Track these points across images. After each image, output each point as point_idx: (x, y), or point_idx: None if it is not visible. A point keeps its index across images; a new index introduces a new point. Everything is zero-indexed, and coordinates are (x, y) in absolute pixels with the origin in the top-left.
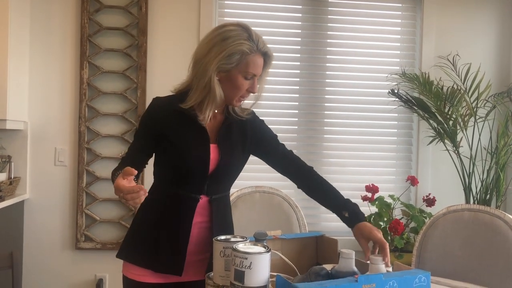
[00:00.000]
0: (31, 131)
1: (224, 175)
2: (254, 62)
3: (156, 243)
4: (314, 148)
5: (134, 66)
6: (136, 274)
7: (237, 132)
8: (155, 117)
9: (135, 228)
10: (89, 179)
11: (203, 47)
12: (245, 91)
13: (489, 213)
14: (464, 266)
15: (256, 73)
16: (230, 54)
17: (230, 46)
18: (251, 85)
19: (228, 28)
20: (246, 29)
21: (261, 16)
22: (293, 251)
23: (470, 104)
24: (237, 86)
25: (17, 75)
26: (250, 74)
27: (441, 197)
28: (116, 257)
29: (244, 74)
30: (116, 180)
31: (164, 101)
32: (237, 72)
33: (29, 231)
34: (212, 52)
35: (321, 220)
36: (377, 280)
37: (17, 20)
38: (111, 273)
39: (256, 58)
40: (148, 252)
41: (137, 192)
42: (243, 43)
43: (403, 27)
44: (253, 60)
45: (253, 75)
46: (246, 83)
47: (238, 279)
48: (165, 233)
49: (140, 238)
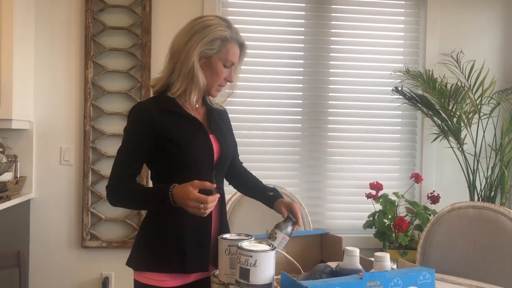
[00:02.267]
0: (37, 130)
1: (226, 163)
2: (234, 50)
3: (182, 244)
4: (318, 146)
5: (138, 65)
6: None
7: (221, 121)
8: (147, 121)
9: (150, 234)
10: (94, 178)
11: (182, 37)
12: (223, 79)
13: (494, 210)
14: (469, 263)
15: (235, 62)
16: (213, 39)
17: (213, 32)
18: (229, 74)
19: (207, 18)
20: (225, 19)
21: (265, 14)
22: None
23: (474, 101)
24: (217, 73)
25: (22, 75)
26: (229, 62)
27: (445, 194)
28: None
29: (224, 62)
30: (192, 192)
31: (147, 105)
32: (218, 59)
33: (35, 230)
34: (193, 39)
35: (326, 217)
36: (382, 278)
37: (22, 21)
38: (117, 271)
39: (235, 46)
40: (175, 255)
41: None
42: (225, 30)
43: (406, 24)
44: (233, 48)
45: (231, 63)
46: (225, 71)
47: (244, 277)
48: (189, 232)
49: (162, 244)
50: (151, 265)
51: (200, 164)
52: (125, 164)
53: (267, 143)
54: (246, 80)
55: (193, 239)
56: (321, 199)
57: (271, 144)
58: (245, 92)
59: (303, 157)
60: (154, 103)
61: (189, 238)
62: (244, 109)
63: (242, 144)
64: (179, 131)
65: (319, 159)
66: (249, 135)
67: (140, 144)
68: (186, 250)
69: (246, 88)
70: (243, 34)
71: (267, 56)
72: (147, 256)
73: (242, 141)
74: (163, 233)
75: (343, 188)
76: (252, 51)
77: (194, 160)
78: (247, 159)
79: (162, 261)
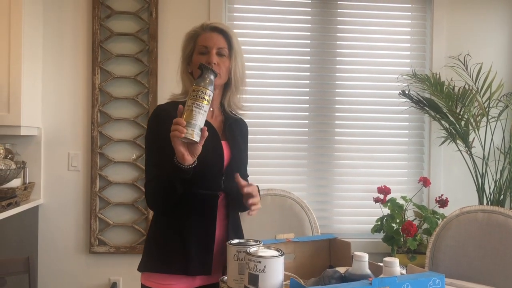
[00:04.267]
0: (45, 137)
1: (237, 171)
2: (204, 37)
3: (185, 246)
4: (325, 150)
5: (145, 71)
6: (164, 284)
7: (237, 130)
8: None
9: (157, 236)
10: (102, 183)
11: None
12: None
13: (503, 214)
14: (478, 267)
15: (207, 45)
16: (186, 43)
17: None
18: (207, 59)
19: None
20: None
21: (270, 19)
22: (306, 254)
23: (482, 104)
24: (194, 63)
25: (30, 82)
26: (202, 48)
27: (453, 198)
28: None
29: (198, 50)
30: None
31: (165, 106)
32: (195, 54)
33: (44, 235)
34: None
35: (334, 222)
36: (391, 283)
37: (30, 27)
38: (125, 276)
39: (205, 34)
40: (179, 257)
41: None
42: (194, 29)
43: (413, 27)
44: (203, 36)
45: (204, 48)
46: (201, 58)
47: (252, 283)
48: (192, 234)
49: (167, 245)
50: (154, 265)
51: (209, 168)
52: (155, 167)
53: (274, 147)
54: (252, 85)
55: (197, 242)
56: (329, 203)
57: (278, 148)
58: (252, 97)
59: (310, 162)
60: (172, 105)
61: (193, 240)
62: (250, 114)
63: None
64: None
65: (326, 163)
66: (256, 140)
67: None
68: (190, 252)
69: (253, 93)
70: (249, 39)
71: (273, 61)
72: (152, 257)
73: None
74: (168, 235)
75: (351, 192)
76: (258, 55)
77: (202, 163)
78: (254, 164)
79: (165, 262)
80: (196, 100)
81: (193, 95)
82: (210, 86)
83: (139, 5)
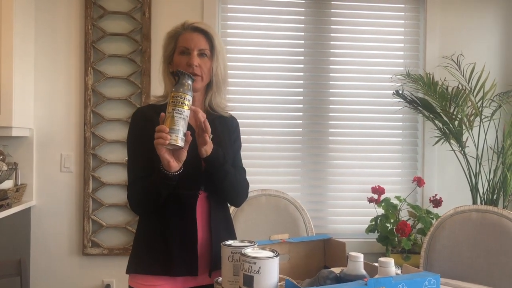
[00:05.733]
0: (37, 138)
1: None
2: (185, 38)
3: (167, 246)
4: (319, 150)
5: (138, 72)
6: (149, 285)
7: (220, 127)
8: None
9: (141, 238)
10: (95, 185)
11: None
12: (185, 66)
13: (497, 213)
14: (473, 267)
15: (188, 46)
16: (166, 43)
17: (166, 37)
18: (189, 60)
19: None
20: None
21: (264, 19)
22: (301, 254)
23: (476, 103)
24: (175, 63)
25: (22, 82)
26: (181, 48)
27: (447, 198)
28: (126, 274)
29: (179, 51)
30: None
31: (144, 108)
32: (176, 54)
33: (36, 237)
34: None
35: (328, 222)
36: (387, 283)
37: (22, 28)
38: (119, 278)
39: (186, 34)
40: (162, 257)
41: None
42: (174, 29)
43: (406, 27)
44: (183, 36)
45: (185, 49)
46: (182, 58)
47: (247, 284)
48: (174, 234)
49: (150, 246)
50: (139, 267)
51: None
52: (137, 169)
53: (268, 148)
54: (245, 85)
55: (180, 242)
56: (323, 204)
57: (272, 149)
58: (245, 97)
59: (305, 162)
60: (152, 107)
61: (176, 241)
62: (244, 114)
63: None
64: None
65: (320, 163)
66: (250, 140)
67: (144, 143)
68: (173, 253)
69: (246, 93)
70: (242, 39)
71: (267, 61)
72: (136, 258)
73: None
74: (151, 237)
75: (345, 193)
76: (251, 56)
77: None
78: (248, 164)
79: (148, 263)
80: (176, 106)
81: (173, 101)
82: (189, 92)
83: (132, 5)
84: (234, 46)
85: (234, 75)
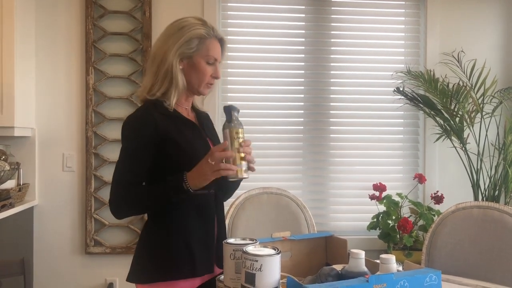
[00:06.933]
0: (39, 137)
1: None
2: (214, 46)
3: (189, 248)
4: (320, 148)
5: (139, 71)
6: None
7: (210, 125)
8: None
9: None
10: (97, 184)
11: (159, 40)
12: (209, 77)
13: (499, 209)
14: (475, 263)
15: (217, 57)
16: (189, 39)
17: (188, 32)
18: (215, 71)
19: (182, 20)
20: (199, 18)
21: (265, 17)
22: (303, 252)
23: (476, 100)
24: (201, 71)
25: (23, 82)
26: (211, 58)
27: (449, 194)
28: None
29: (206, 59)
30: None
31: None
32: (199, 58)
33: (39, 237)
34: (169, 41)
35: (330, 220)
36: (388, 280)
37: (23, 28)
38: (121, 277)
39: (214, 42)
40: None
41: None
42: (200, 28)
43: (407, 24)
44: (212, 44)
45: (214, 60)
46: (209, 68)
47: (249, 282)
48: (195, 235)
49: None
50: (161, 275)
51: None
52: (131, 173)
53: (269, 146)
54: (247, 84)
55: (199, 241)
56: (325, 201)
57: (273, 147)
58: (246, 95)
59: (306, 160)
60: (153, 107)
61: (196, 241)
62: (245, 112)
63: None
64: (181, 135)
65: (321, 161)
66: (251, 139)
67: (146, 148)
68: (195, 254)
69: (247, 92)
70: (243, 37)
71: (267, 59)
72: (156, 266)
73: None
74: (169, 240)
75: (347, 190)
76: (252, 54)
77: (195, 164)
78: None
79: (173, 268)
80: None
81: (236, 137)
82: (241, 124)
83: (132, 4)
84: (235, 44)
85: (235, 73)
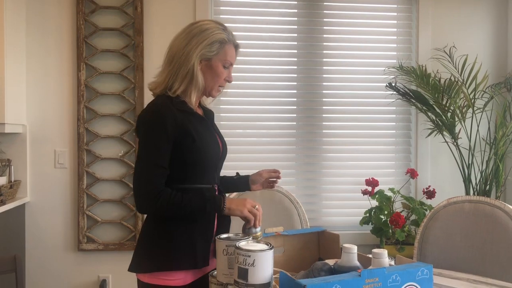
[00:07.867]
0: (30, 134)
1: (223, 162)
2: (231, 52)
3: (192, 240)
4: (313, 144)
5: (131, 66)
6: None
7: (214, 121)
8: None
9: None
10: (89, 180)
11: (181, 40)
12: (223, 80)
13: (489, 204)
14: (466, 257)
15: (233, 62)
16: (212, 42)
17: (211, 35)
18: (228, 74)
19: (204, 22)
20: (220, 23)
21: (257, 13)
22: (296, 247)
23: (468, 95)
24: (217, 74)
25: (14, 78)
26: (228, 63)
27: (441, 189)
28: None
29: (223, 63)
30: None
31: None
32: (218, 61)
33: (31, 234)
34: (192, 42)
35: (322, 215)
36: (380, 274)
37: (13, 23)
38: (114, 273)
39: (232, 47)
40: (188, 252)
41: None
42: (222, 33)
43: (399, 20)
44: (230, 49)
45: (230, 64)
46: (224, 71)
47: (242, 277)
48: (196, 228)
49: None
50: (163, 264)
51: (210, 162)
52: (159, 167)
53: (262, 141)
54: (239, 79)
55: (200, 235)
56: (317, 196)
57: (266, 142)
58: (239, 91)
59: (299, 155)
60: (170, 102)
61: (198, 234)
62: (238, 108)
63: (237, 143)
64: (195, 129)
65: (314, 156)
66: (244, 134)
67: (169, 142)
68: (196, 245)
69: (240, 87)
70: (235, 33)
71: (260, 55)
72: (158, 256)
73: (237, 140)
74: (172, 231)
75: (339, 185)
76: (245, 50)
77: (207, 158)
78: (242, 158)
79: (175, 259)
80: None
81: (254, 236)
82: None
83: None
84: None
85: None
